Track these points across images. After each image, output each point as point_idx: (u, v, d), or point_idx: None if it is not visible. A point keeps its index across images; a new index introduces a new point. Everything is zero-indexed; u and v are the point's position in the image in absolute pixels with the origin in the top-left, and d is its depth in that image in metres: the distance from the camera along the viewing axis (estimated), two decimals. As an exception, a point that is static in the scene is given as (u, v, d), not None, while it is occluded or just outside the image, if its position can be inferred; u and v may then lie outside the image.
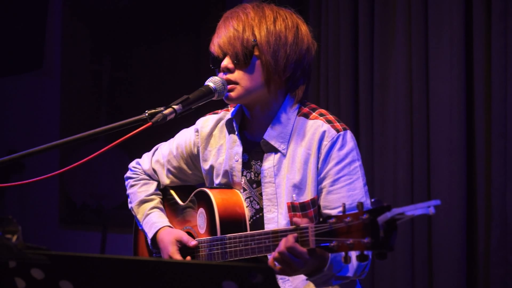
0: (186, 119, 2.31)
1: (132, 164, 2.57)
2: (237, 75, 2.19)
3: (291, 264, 1.93)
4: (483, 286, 3.34)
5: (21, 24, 5.74)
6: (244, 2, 2.32)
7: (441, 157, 3.46)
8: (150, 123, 2.01)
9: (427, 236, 3.51)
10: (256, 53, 2.18)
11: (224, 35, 2.19)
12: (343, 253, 1.75)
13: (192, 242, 2.29)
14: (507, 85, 3.27)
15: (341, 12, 3.87)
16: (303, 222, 1.92)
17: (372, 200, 1.71)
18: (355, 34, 3.84)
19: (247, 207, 2.27)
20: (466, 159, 3.41)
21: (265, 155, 2.25)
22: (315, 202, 2.20)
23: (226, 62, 2.19)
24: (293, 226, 1.95)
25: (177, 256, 2.30)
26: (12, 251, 1.48)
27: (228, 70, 2.19)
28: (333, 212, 2.15)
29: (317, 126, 2.22)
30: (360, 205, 1.72)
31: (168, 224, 2.43)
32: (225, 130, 2.36)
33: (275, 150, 2.23)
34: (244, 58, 2.17)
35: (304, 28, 2.25)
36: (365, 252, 1.71)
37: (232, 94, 2.20)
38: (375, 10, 3.73)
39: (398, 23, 3.62)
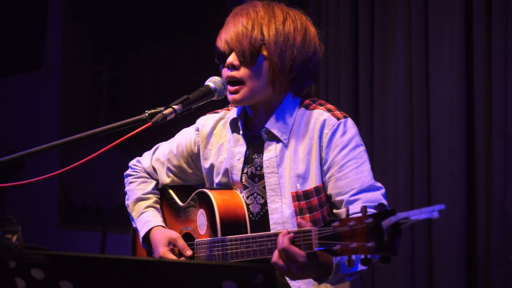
0: (186, 119, 2.31)
1: (133, 162, 2.58)
2: (243, 72, 2.18)
3: (287, 265, 1.91)
4: (483, 286, 3.34)
5: (21, 24, 5.74)
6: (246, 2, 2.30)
7: (441, 157, 3.46)
8: (150, 123, 2.01)
9: (427, 236, 3.50)
10: (263, 52, 2.17)
11: (232, 31, 2.19)
12: (346, 257, 1.75)
13: (188, 252, 2.28)
14: (507, 85, 3.26)
15: (341, 12, 3.86)
16: (307, 225, 1.91)
17: (376, 204, 1.70)
18: (355, 34, 3.84)
19: (251, 204, 2.26)
20: (466, 159, 3.40)
21: (266, 144, 2.24)
22: (319, 191, 2.19)
23: (232, 58, 2.19)
24: (296, 229, 1.94)
25: (169, 256, 2.29)
26: (12, 251, 1.48)
27: (233, 67, 2.19)
28: (346, 197, 2.14)
29: (318, 115, 2.22)
30: (364, 208, 1.71)
31: (162, 223, 2.43)
32: (226, 129, 2.36)
33: (277, 139, 2.23)
34: (251, 56, 2.17)
35: (312, 30, 2.25)
36: (369, 256, 1.70)
37: (237, 96, 2.20)
38: (375, 10, 3.73)
39: (398, 23, 3.62)
